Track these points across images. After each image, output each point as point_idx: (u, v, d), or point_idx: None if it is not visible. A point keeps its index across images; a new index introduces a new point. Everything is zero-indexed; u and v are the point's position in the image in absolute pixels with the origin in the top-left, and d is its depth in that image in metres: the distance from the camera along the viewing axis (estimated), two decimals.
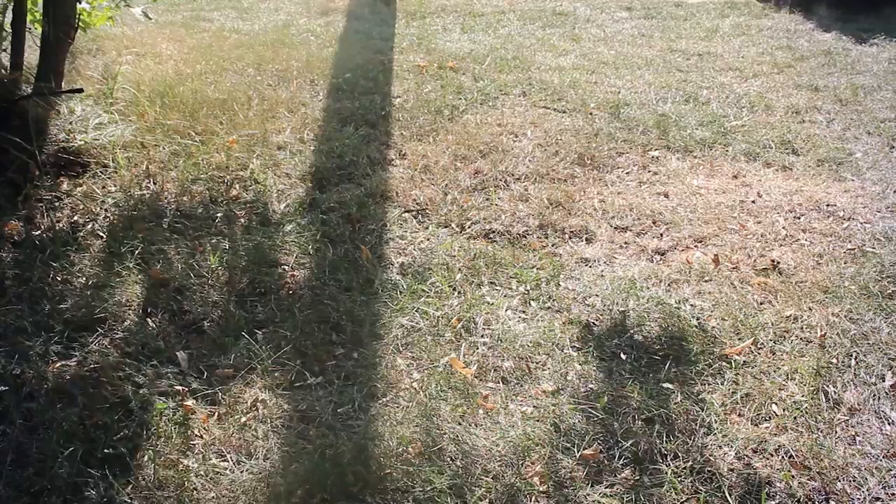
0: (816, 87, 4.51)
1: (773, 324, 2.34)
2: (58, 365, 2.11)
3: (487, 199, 3.10)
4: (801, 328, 2.34)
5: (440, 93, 4.23)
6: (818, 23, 6.08)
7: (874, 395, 2.07)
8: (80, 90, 3.52)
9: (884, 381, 2.13)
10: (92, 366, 2.12)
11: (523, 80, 4.49)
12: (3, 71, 3.40)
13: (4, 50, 3.49)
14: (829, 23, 6.03)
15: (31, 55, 3.50)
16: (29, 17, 3.49)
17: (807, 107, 4.19)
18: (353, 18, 6.20)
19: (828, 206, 3.10)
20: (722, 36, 5.77)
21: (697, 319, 2.36)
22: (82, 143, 3.27)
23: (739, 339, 2.28)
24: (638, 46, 5.40)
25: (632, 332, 2.31)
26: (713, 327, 2.32)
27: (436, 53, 5.03)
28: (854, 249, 2.78)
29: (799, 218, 3.01)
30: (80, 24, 3.69)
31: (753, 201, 3.13)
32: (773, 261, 2.69)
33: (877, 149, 3.68)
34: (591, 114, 4.00)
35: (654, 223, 2.95)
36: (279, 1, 6.98)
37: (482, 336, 2.29)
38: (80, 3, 3.66)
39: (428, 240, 2.81)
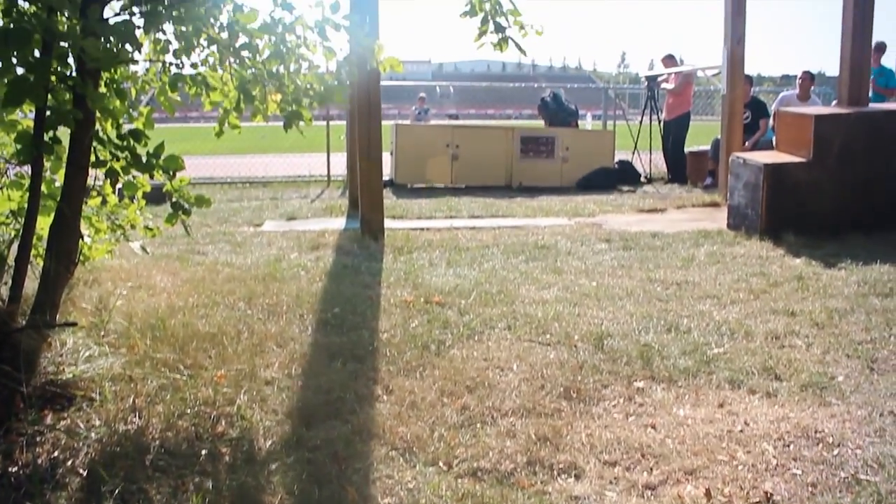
0: (793, 312, 4.64)
1: None
2: None
3: (475, 436, 3.08)
4: None
5: (427, 328, 4.33)
6: (787, 249, 6.38)
7: None
8: (74, 324, 3.60)
9: None
10: None
11: (508, 314, 4.61)
12: (0, 304, 3.49)
13: (5, 283, 3.60)
14: (797, 249, 6.34)
15: (30, 285, 3.60)
16: (32, 252, 3.65)
17: (785, 331, 4.30)
18: (342, 253, 6.45)
19: (816, 432, 3.10)
20: (698, 264, 6.01)
21: None
22: (70, 375, 3.29)
23: None
24: (618, 277, 5.61)
25: None
26: None
27: (422, 288, 5.20)
28: (848, 478, 2.75)
29: (788, 446, 2.99)
30: (80, 257, 3.84)
31: (741, 430, 3.13)
32: (766, 492, 2.64)
33: (857, 371, 3.74)
34: (575, 346, 4.08)
35: (642, 456, 2.93)
36: (271, 236, 7.31)
37: None
38: (81, 238, 3.83)
39: (415, 479, 2.76)
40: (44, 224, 3.70)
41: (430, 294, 5.02)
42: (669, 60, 13.33)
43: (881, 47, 10.99)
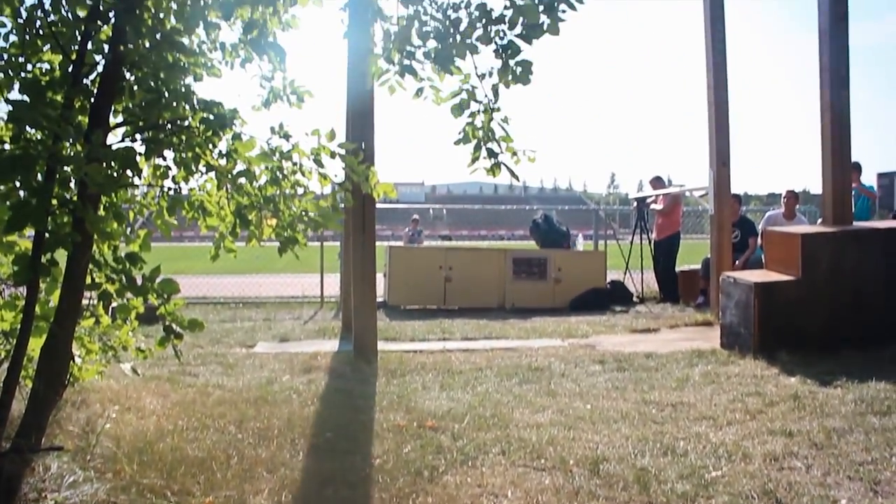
0: (790, 433, 4.58)
1: None
2: None
3: None
4: None
5: (420, 453, 4.25)
6: (782, 368, 6.35)
7: None
8: (60, 448, 3.53)
9: None
10: None
11: (502, 439, 4.53)
12: None
13: None
14: (791, 367, 6.30)
15: (17, 406, 3.53)
16: (22, 373, 3.61)
17: (784, 453, 4.22)
18: (335, 376, 6.39)
19: None
20: (693, 385, 5.97)
21: None
22: (52, 502, 3.20)
23: None
24: (612, 399, 5.55)
25: None
26: None
27: (415, 412, 5.13)
28: None
29: None
30: (70, 378, 3.80)
31: None
32: None
33: (861, 494, 3.66)
34: (570, 471, 3.99)
35: None
36: (263, 358, 7.26)
37: None
38: (72, 359, 3.80)
39: None
40: (35, 345, 3.68)
41: (424, 418, 4.95)
42: (658, 182, 13.66)
43: (856, 167, 11.37)
